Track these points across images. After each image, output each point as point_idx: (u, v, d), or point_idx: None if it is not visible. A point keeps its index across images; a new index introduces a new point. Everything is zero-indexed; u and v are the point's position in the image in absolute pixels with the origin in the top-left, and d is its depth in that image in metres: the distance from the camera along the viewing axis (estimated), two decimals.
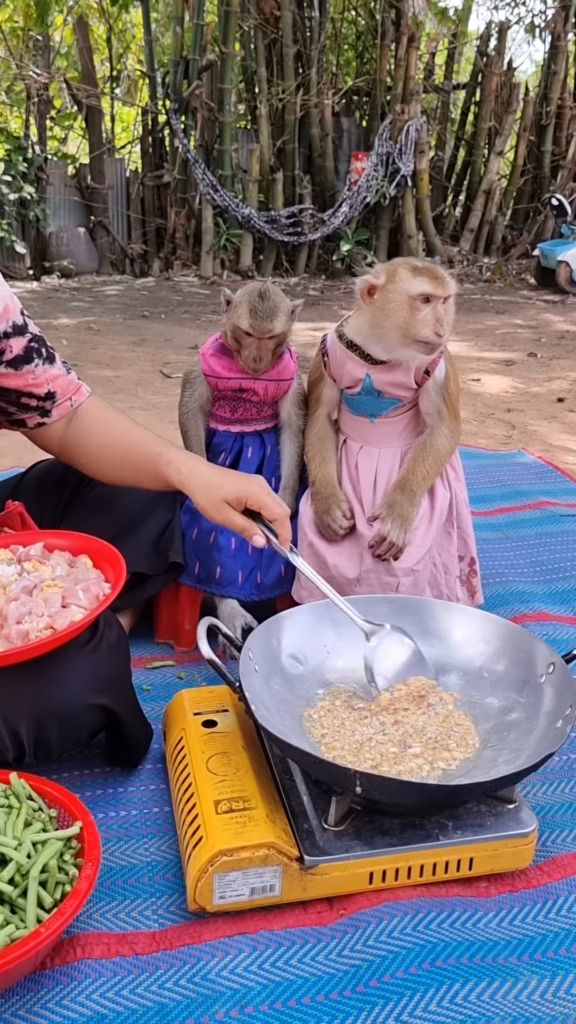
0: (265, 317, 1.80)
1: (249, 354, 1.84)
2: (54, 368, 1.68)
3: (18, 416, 1.70)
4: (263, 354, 1.83)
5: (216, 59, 8.55)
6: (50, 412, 1.69)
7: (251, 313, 1.80)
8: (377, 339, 1.77)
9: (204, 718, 1.50)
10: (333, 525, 1.85)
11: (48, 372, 1.66)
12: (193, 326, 6.58)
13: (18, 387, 1.64)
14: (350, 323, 1.85)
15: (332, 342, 1.88)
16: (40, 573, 1.48)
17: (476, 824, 1.33)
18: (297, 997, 1.16)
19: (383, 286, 1.73)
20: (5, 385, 1.64)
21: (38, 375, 1.65)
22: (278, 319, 1.82)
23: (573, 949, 1.24)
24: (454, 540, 1.95)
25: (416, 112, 8.84)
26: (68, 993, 1.14)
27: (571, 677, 1.41)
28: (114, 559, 1.52)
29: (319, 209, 8.94)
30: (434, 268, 1.73)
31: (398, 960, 1.20)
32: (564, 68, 9.61)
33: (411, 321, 1.71)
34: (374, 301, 1.74)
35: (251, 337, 1.83)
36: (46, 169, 8.77)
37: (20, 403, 1.67)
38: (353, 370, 1.84)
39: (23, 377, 1.63)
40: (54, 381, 1.67)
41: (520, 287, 8.83)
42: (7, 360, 1.60)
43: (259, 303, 1.81)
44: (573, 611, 2.17)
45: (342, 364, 1.85)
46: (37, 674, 1.35)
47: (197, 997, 1.15)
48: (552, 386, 4.88)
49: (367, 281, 1.75)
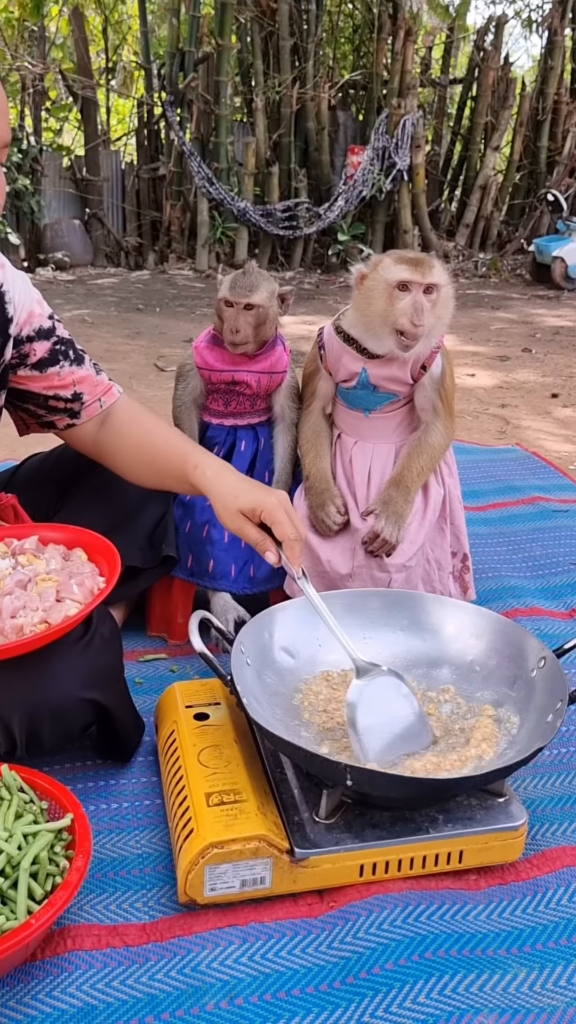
0: (243, 286, 1.83)
1: (229, 326, 1.84)
2: (82, 370, 1.68)
3: (47, 418, 1.71)
4: (241, 325, 1.83)
5: (212, 51, 8.52)
6: (79, 414, 1.70)
7: (231, 283, 1.85)
8: (365, 329, 1.78)
9: (196, 711, 1.50)
10: (327, 520, 1.85)
11: (75, 374, 1.67)
12: (188, 319, 6.56)
13: (43, 389, 1.66)
14: (347, 316, 1.85)
15: (329, 335, 1.88)
16: (34, 567, 1.47)
17: (466, 817, 1.34)
18: (287, 989, 1.16)
19: (368, 274, 1.73)
20: (31, 388, 1.66)
21: (64, 376, 1.65)
22: (257, 291, 1.83)
23: (562, 942, 1.24)
24: (447, 536, 1.95)
25: (413, 106, 8.82)
26: (58, 984, 1.15)
27: (562, 672, 1.41)
28: (109, 552, 1.51)
29: (315, 203, 8.92)
30: (421, 258, 1.72)
31: (388, 952, 1.20)
32: (561, 63, 9.59)
33: (389, 309, 1.70)
34: (360, 290, 1.75)
35: (231, 308, 1.84)
36: (41, 161, 8.73)
37: (48, 405, 1.68)
38: (349, 364, 1.84)
39: (49, 379, 1.65)
40: (81, 383, 1.68)
41: (515, 283, 8.83)
42: (31, 363, 1.63)
43: (240, 276, 1.86)
44: (565, 606, 2.18)
45: (338, 357, 1.85)
46: (30, 668, 1.35)
47: (187, 989, 1.15)
48: (546, 381, 4.88)
49: (359, 271, 1.76)
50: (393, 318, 1.70)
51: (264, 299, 1.84)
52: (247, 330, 1.84)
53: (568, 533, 2.57)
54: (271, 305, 1.86)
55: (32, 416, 1.72)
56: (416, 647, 1.60)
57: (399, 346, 1.73)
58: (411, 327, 1.69)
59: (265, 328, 1.87)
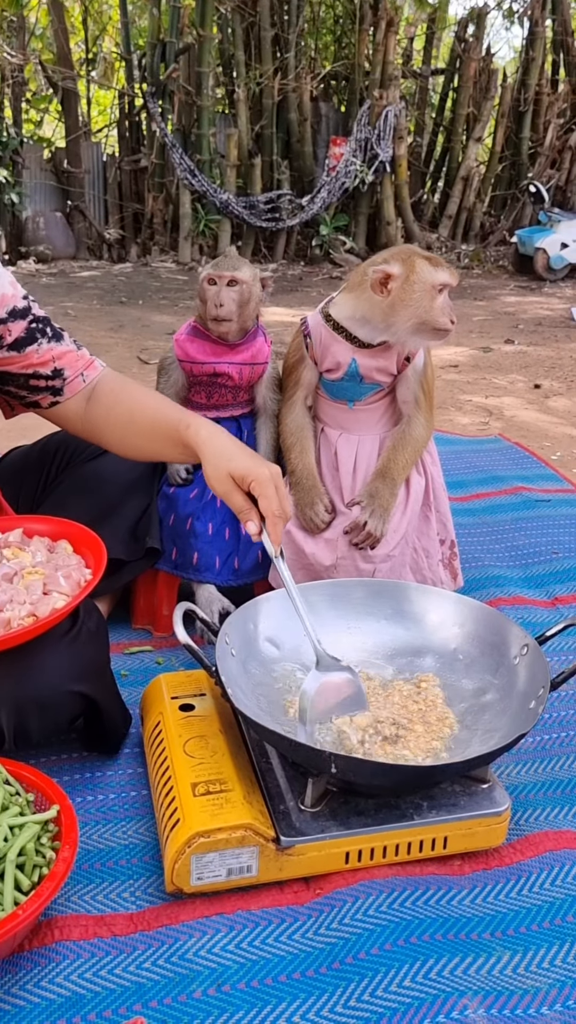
0: (226, 264, 1.85)
1: (212, 301, 1.84)
2: (61, 346, 1.65)
3: (30, 398, 1.68)
4: (224, 299, 1.83)
5: (193, 42, 8.46)
6: (62, 391, 1.67)
7: (214, 263, 1.88)
8: (383, 326, 1.77)
9: (181, 702, 1.51)
10: (315, 519, 1.86)
11: (54, 350, 1.64)
12: (171, 312, 6.54)
13: (22, 368, 1.63)
14: (338, 305, 1.85)
15: (316, 323, 1.88)
16: (20, 560, 1.47)
17: (450, 804, 1.35)
18: (274, 975, 1.17)
19: (404, 277, 1.72)
20: (9, 370, 1.63)
21: (43, 353, 1.63)
22: (240, 269, 1.85)
23: (544, 924, 1.26)
24: (433, 524, 1.96)
25: (395, 97, 8.80)
26: (46, 974, 1.15)
27: (544, 659, 1.43)
28: (94, 544, 1.51)
29: (297, 195, 8.89)
30: (443, 260, 1.80)
31: (373, 937, 1.22)
32: (542, 54, 9.59)
33: (430, 309, 1.73)
34: (391, 291, 1.73)
35: (214, 286, 1.84)
36: (21, 152, 8.65)
37: (29, 385, 1.65)
38: (338, 353, 1.84)
39: (27, 358, 1.62)
40: (61, 358, 1.65)
41: (498, 274, 8.85)
42: (8, 344, 1.59)
43: (222, 259, 1.88)
44: (547, 595, 2.20)
45: (327, 346, 1.85)
46: (17, 662, 1.35)
47: (175, 977, 1.16)
48: (529, 372, 4.91)
49: (383, 271, 1.73)
50: (433, 317, 1.74)
51: (247, 276, 1.85)
52: (231, 305, 1.83)
53: (551, 523, 2.59)
54: (254, 284, 1.87)
55: (15, 398, 1.70)
56: (400, 636, 1.62)
57: (437, 339, 1.79)
58: (451, 325, 1.76)
59: (248, 309, 1.87)
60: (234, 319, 1.85)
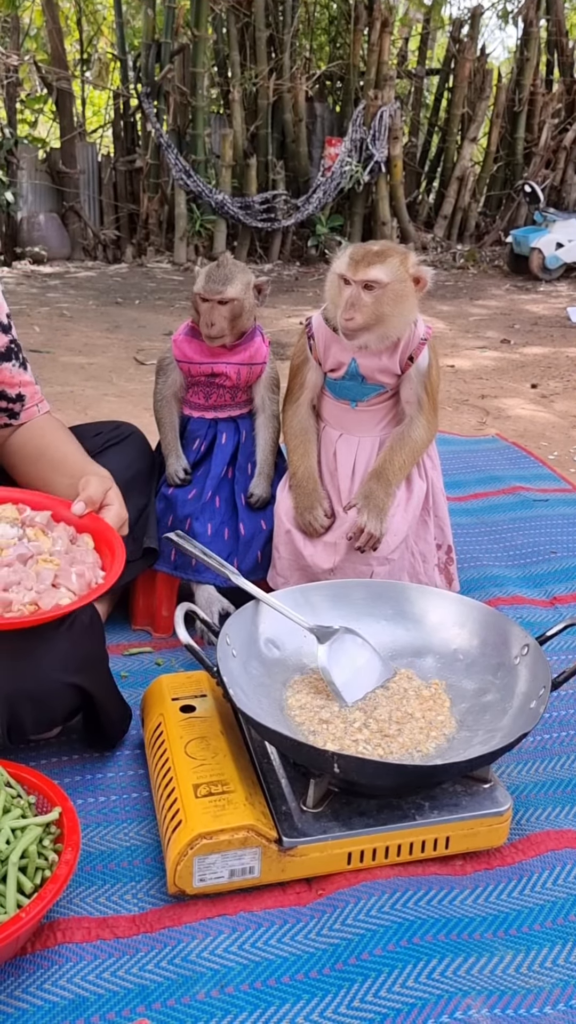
0: (217, 280, 1.84)
1: (204, 320, 1.85)
2: (26, 375, 1.73)
3: None
4: (216, 319, 1.84)
5: (188, 42, 8.46)
6: (18, 415, 1.73)
7: (206, 277, 1.86)
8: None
9: (182, 703, 1.50)
10: (315, 524, 1.86)
11: (22, 376, 1.71)
12: (167, 312, 6.53)
13: None
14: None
15: (318, 323, 1.89)
16: (39, 543, 1.44)
17: (452, 804, 1.35)
18: (277, 976, 1.17)
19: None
20: None
21: (13, 376, 1.69)
22: (231, 285, 1.84)
23: (547, 924, 1.26)
24: (431, 529, 1.96)
25: (389, 98, 8.80)
26: (49, 977, 1.15)
27: (544, 659, 1.43)
28: (115, 547, 1.46)
29: (293, 195, 8.89)
30: (369, 253, 1.72)
31: (376, 938, 1.22)
32: (536, 55, 9.60)
33: (336, 301, 1.74)
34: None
35: (206, 302, 1.84)
36: (16, 153, 8.63)
37: None
38: (339, 353, 1.84)
39: (1, 373, 1.67)
40: (25, 386, 1.72)
41: (493, 274, 8.85)
42: None
43: (215, 269, 1.86)
44: (546, 594, 2.20)
45: (328, 346, 1.86)
46: (9, 654, 1.34)
47: (178, 979, 1.16)
48: (525, 372, 4.91)
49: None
50: (334, 311, 1.74)
51: (238, 292, 1.84)
52: (222, 323, 1.84)
53: (548, 522, 2.60)
54: (246, 297, 1.86)
55: None
56: (400, 637, 1.62)
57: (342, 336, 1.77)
58: (343, 322, 1.72)
59: (242, 320, 1.88)
60: (227, 334, 1.86)
